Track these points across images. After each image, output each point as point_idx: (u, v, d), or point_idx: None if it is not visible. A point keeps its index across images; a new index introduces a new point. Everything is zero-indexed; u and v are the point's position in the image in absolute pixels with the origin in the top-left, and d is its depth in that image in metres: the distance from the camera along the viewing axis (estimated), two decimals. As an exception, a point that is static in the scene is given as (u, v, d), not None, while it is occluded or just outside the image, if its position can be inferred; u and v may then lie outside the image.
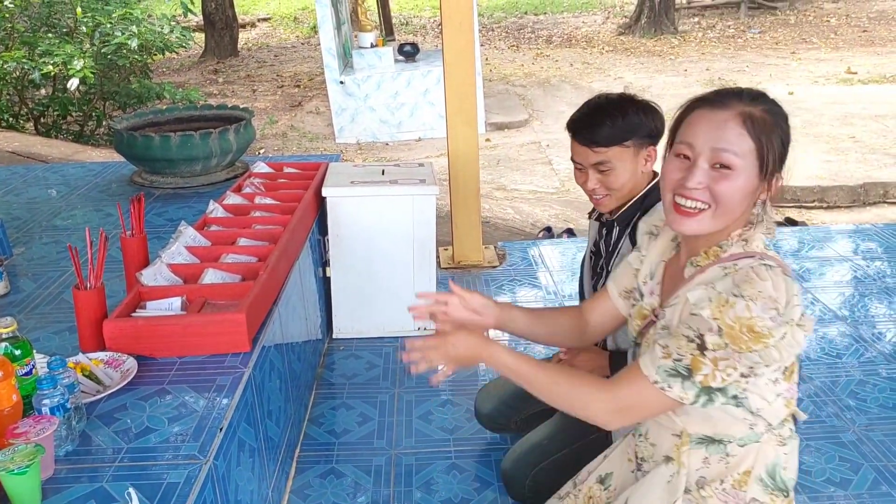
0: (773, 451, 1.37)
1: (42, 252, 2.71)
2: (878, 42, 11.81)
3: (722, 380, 1.26)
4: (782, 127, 1.35)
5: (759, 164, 1.31)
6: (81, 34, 6.81)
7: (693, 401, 1.28)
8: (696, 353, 1.26)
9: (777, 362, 1.25)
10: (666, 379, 1.29)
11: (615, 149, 1.83)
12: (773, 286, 1.24)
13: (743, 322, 1.22)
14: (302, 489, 2.20)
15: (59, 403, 1.49)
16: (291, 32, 15.22)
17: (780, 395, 1.33)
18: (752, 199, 1.34)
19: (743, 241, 1.35)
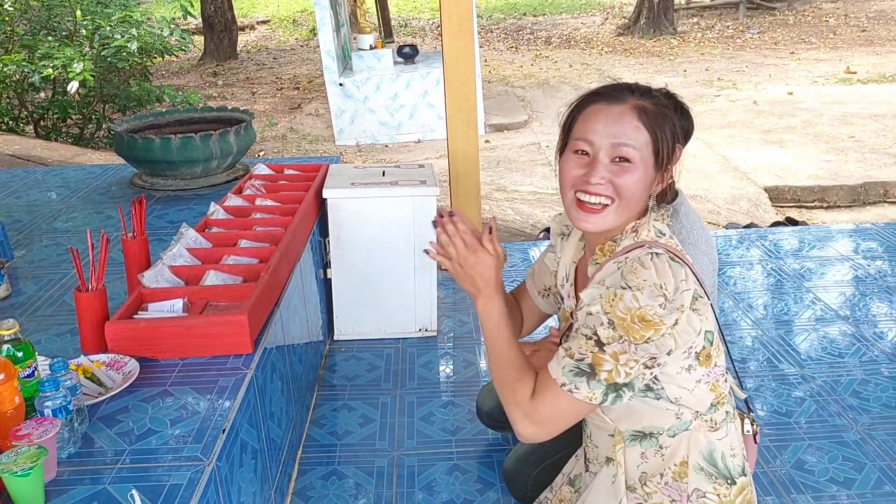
0: (704, 438, 1.35)
1: (43, 254, 2.71)
2: (877, 42, 11.82)
3: (626, 374, 1.25)
4: (672, 119, 1.34)
5: (654, 156, 1.32)
6: (81, 37, 6.81)
7: (602, 399, 1.26)
8: (595, 350, 1.25)
9: (674, 349, 1.25)
10: (572, 380, 1.27)
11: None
12: (657, 273, 1.24)
13: (633, 312, 1.22)
14: (304, 491, 2.20)
15: (62, 405, 1.49)
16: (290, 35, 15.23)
17: (699, 381, 1.31)
18: (649, 192, 1.35)
19: (634, 233, 1.34)
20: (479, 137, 4.11)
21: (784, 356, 2.84)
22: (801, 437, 2.39)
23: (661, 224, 1.38)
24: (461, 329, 3.11)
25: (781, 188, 6.06)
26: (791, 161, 6.63)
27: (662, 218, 1.39)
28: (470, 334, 3.07)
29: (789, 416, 2.49)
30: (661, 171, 1.34)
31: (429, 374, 2.80)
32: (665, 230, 1.37)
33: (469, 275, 1.38)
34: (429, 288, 2.97)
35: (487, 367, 1.41)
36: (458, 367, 2.85)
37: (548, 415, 1.30)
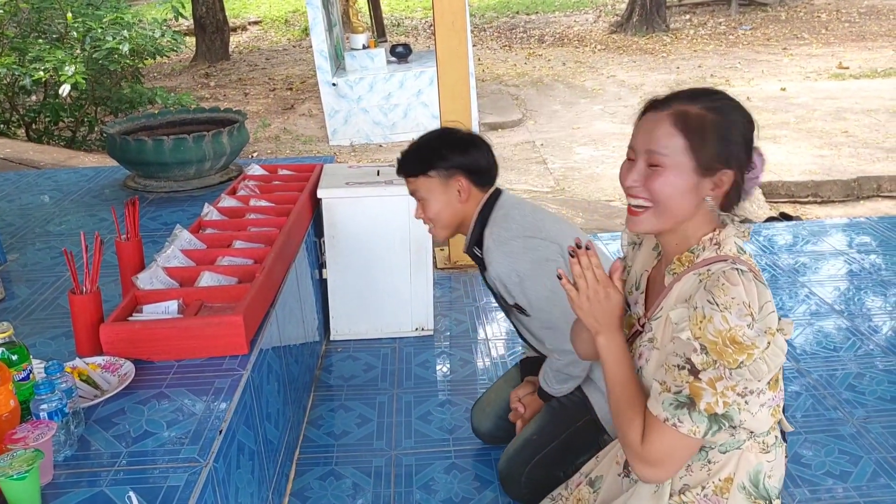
0: (755, 458, 1.36)
1: (36, 258, 2.70)
2: (869, 37, 11.86)
3: (724, 404, 1.24)
4: (721, 123, 1.31)
5: (693, 160, 1.30)
6: (72, 39, 6.78)
7: (705, 432, 1.25)
8: (690, 380, 1.25)
9: (766, 374, 1.24)
10: (674, 413, 1.26)
11: (421, 179, 2.00)
12: (745, 291, 1.23)
13: (724, 335, 1.21)
14: (302, 491, 2.20)
15: (57, 408, 1.48)
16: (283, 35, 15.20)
17: (763, 405, 1.32)
18: (696, 197, 1.32)
19: (715, 245, 1.34)
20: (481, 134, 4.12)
21: (780, 351, 2.85)
22: (798, 431, 2.39)
23: (742, 241, 1.36)
24: (458, 328, 3.11)
25: (775, 184, 6.08)
26: (784, 156, 6.64)
27: (743, 235, 1.37)
28: (466, 333, 3.07)
29: (785, 411, 2.49)
30: (707, 176, 1.31)
31: (426, 373, 2.80)
32: (746, 248, 1.36)
33: (594, 310, 1.39)
34: (425, 287, 2.96)
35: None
36: (455, 366, 2.85)
37: (660, 455, 1.30)
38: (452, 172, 1.99)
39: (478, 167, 2.01)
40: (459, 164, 1.99)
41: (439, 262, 3.68)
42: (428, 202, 2.02)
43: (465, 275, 3.58)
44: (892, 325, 3.00)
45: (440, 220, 2.03)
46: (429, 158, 2.00)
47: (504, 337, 3.04)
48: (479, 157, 2.01)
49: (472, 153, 2.01)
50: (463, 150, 2.01)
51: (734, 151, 1.31)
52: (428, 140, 2.05)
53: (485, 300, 3.33)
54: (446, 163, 1.99)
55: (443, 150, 2.00)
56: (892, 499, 2.10)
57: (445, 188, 2.00)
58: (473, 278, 3.54)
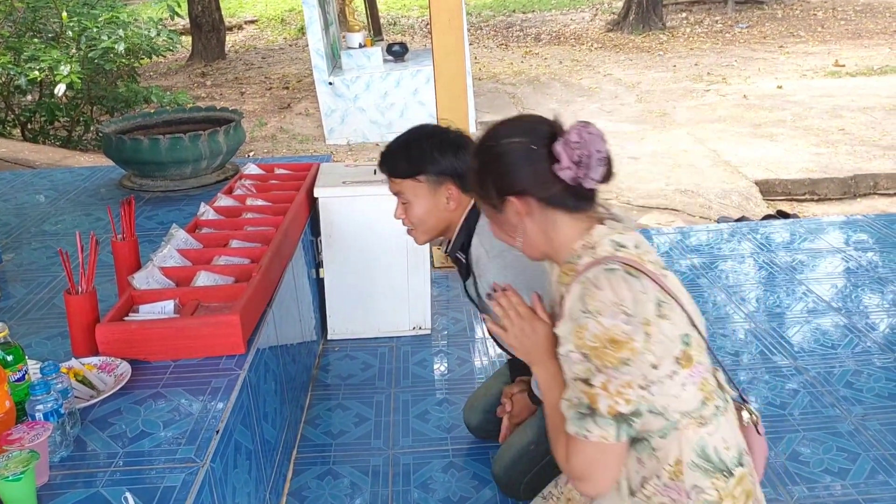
0: (694, 434, 1.35)
1: (32, 258, 2.69)
2: (865, 35, 11.88)
3: (625, 402, 1.26)
4: (479, 168, 1.44)
5: (485, 206, 1.46)
6: (67, 39, 6.76)
7: (616, 434, 1.27)
8: (585, 389, 1.27)
9: (658, 362, 1.26)
10: (581, 425, 1.29)
11: (408, 182, 1.90)
12: (611, 291, 1.26)
13: (601, 338, 1.24)
14: (300, 491, 2.19)
15: (53, 409, 1.48)
16: (279, 34, 15.17)
17: (684, 384, 1.32)
18: (512, 226, 1.42)
19: (590, 249, 1.36)
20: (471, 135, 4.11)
21: (777, 348, 2.85)
22: (796, 428, 2.40)
23: (625, 236, 1.38)
24: (455, 327, 3.10)
25: (772, 182, 6.08)
26: (781, 154, 6.65)
27: (626, 230, 1.40)
28: (464, 332, 3.06)
29: (783, 408, 2.50)
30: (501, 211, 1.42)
31: (423, 372, 2.79)
32: (628, 241, 1.37)
33: (524, 344, 1.45)
34: (422, 286, 2.96)
35: None
36: (452, 365, 2.84)
37: (582, 468, 1.32)
38: (443, 179, 1.89)
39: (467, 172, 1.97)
40: (450, 170, 1.89)
41: (436, 261, 3.67)
42: (412, 206, 1.93)
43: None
44: (889, 322, 3.00)
45: (423, 224, 1.95)
46: (419, 161, 1.90)
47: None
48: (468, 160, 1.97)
49: (462, 157, 1.88)
50: (454, 153, 1.90)
51: (496, 183, 1.41)
52: (418, 139, 1.93)
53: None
54: (437, 167, 1.89)
55: (434, 152, 1.89)
56: (891, 496, 2.10)
57: (434, 194, 1.90)
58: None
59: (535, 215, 1.39)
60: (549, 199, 1.38)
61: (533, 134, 1.39)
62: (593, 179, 1.35)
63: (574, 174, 1.34)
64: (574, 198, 1.38)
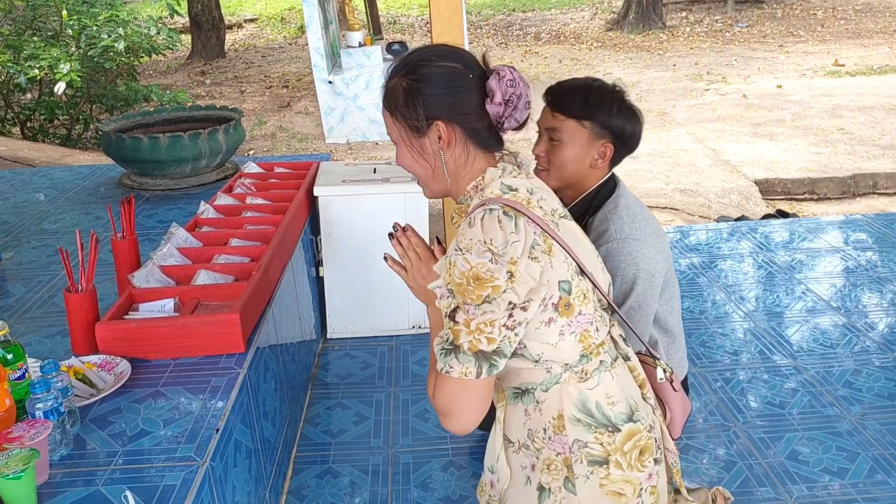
0: (574, 389, 1.33)
1: (31, 256, 2.69)
2: (865, 34, 11.88)
3: (487, 340, 1.23)
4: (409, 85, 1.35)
5: (402, 128, 1.37)
6: (67, 37, 6.75)
7: (476, 372, 1.24)
8: (450, 325, 1.26)
9: (524, 306, 1.24)
10: (445, 360, 1.26)
11: (572, 122, 1.80)
12: (482, 230, 1.25)
13: (467, 274, 1.23)
14: (299, 489, 2.19)
15: (53, 407, 1.48)
16: (279, 33, 15.16)
17: (562, 333, 1.29)
18: (426, 157, 1.38)
19: (480, 192, 1.36)
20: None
21: (776, 348, 2.85)
22: (795, 427, 2.40)
23: (518, 180, 1.36)
24: (454, 325, 3.10)
25: (772, 181, 6.08)
26: (781, 154, 6.65)
27: (523, 173, 1.39)
28: (463, 330, 3.06)
29: (782, 408, 2.50)
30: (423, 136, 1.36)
31: (423, 370, 2.79)
32: (521, 185, 1.35)
33: (421, 285, 1.44)
34: (421, 285, 2.96)
35: None
36: (451, 364, 2.84)
37: (445, 404, 1.29)
38: (605, 133, 1.79)
39: (629, 141, 1.82)
40: (618, 129, 1.79)
41: (436, 260, 3.67)
42: (562, 147, 1.81)
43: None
44: (888, 322, 3.00)
45: (561, 170, 1.83)
46: (596, 106, 1.78)
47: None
48: (637, 129, 1.82)
49: (633, 123, 1.80)
50: (628, 116, 1.80)
51: (427, 102, 1.34)
52: (600, 88, 1.82)
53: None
54: (608, 120, 1.78)
55: (614, 106, 1.78)
56: (889, 495, 2.10)
57: (589, 145, 1.80)
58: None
59: (455, 147, 1.36)
60: (474, 132, 1.36)
61: (467, 62, 1.37)
62: (516, 121, 1.35)
63: (500, 112, 1.33)
64: (490, 137, 1.38)
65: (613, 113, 1.79)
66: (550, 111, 1.84)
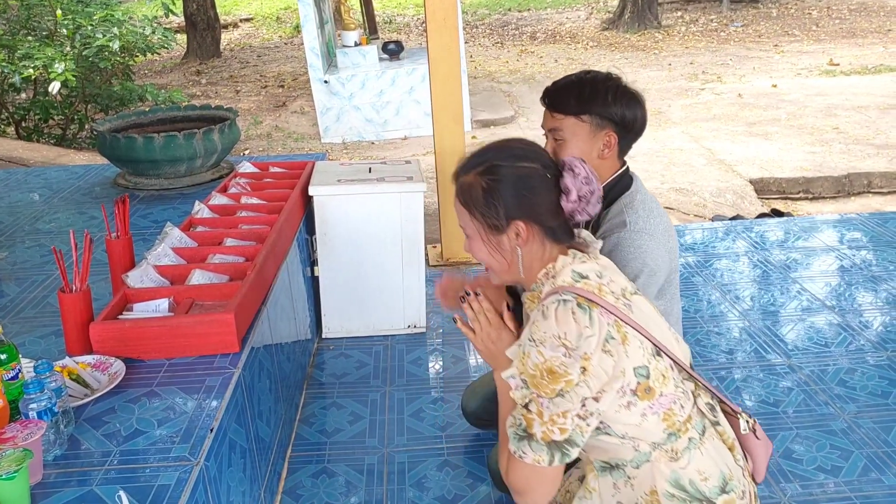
0: (666, 468, 1.36)
1: (26, 256, 2.68)
2: (860, 34, 11.91)
3: (560, 431, 1.28)
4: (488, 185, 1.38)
5: (480, 224, 1.40)
6: (62, 37, 6.73)
7: (549, 460, 1.29)
8: (524, 413, 1.30)
9: (597, 398, 1.27)
10: (518, 446, 1.31)
11: (570, 119, 1.79)
12: (556, 323, 1.27)
13: (540, 367, 1.27)
14: (294, 489, 2.19)
15: (47, 407, 1.48)
16: (274, 32, 15.14)
17: (644, 414, 1.32)
18: (504, 252, 1.41)
19: (551, 279, 1.39)
20: (466, 133, 4.11)
21: (771, 346, 2.86)
22: (789, 426, 2.40)
23: (587, 265, 1.39)
24: (450, 325, 3.10)
25: (767, 180, 6.09)
26: (776, 153, 6.66)
27: (591, 256, 1.41)
28: (458, 330, 3.06)
29: (777, 406, 2.50)
30: (502, 233, 1.39)
31: (418, 370, 2.79)
32: (590, 270, 1.38)
33: (490, 350, 1.48)
34: (417, 284, 2.96)
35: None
36: (447, 364, 2.84)
37: (519, 484, 1.35)
38: (605, 124, 1.78)
39: (632, 127, 1.80)
40: (618, 117, 1.77)
41: (431, 260, 3.67)
42: (566, 144, 1.80)
43: (458, 272, 3.58)
44: (882, 321, 3.01)
45: None
46: (590, 100, 1.77)
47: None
48: (638, 113, 1.80)
49: (634, 107, 1.79)
50: (626, 102, 1.78)
51: (509, 204, 1.37)
52: (593, 79, 1.81)
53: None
54: (606, 111, 1.77)
55: (608, 95, 1.77)
56: (883, 493, 2.11)
57: (592, 138, 1.79)
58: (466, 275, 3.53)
59: (532, 243, 1.40)
60: (551, 229, 1.40)
61: (544, 161, 1.40)
62: (588, 215, 1.39)
63: (575, 208, 1.37)
64: (564, 231, 1.42)
65: (610, 102, 1.78)
66: (549, 112, 1.84)
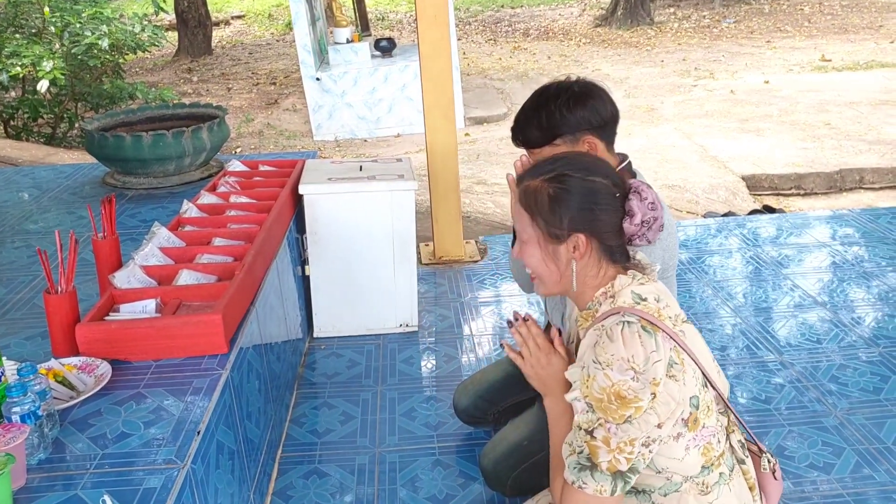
0: (695, 500, 1.35)
1: (12, 256, 2.66)
2: (851, 30, 11.93)
3: (626, 460, 1.26)
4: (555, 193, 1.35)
5: (539, 231, 1.37)
6: (50, 34, 6.68)
7: (611, 490, 1.27)
8: (588, 440, 1.27)
9: (660, 425, 1.25)
10: (578, 476, 1.28)
11: (546, 149, 1.80)
12: (624, 346, 1.25)
13: (608, 391, 1.24)
14: (284, 490, 2.17)
15: (30, 411, 1.45)
16: (266, 29, 15.09)
17: (687, 448, 1.32)
18: (558, 263, 1.38)
19: (610, 298, 1.36)
20: (459, 130, 4.09)
21: (763, 343, 2.85)
22: (781, 423, 2.40)
23: (647, 286, 1.37)
24: (442, 324, 3.09)
25: (759, 176, 6.10)
26: (768, 149, 6.67)
27: (649, 278, 1.39)
28: (451, 329, 3.05)
29: (769, 403, 2.50)
30: (561, 243, 1.37)
31: (410, 369, 2.78)
32: (649, 293, 1.36)
33: (539, 375, 1.46)
34: (409, 283, 2.94)
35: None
36: (439, 362, 2.83)
37: None
38: (579, 135, 1.78)
39: (602, 119, 1.80)
40: (585, 123, 1.78)
41: (424, 258, 3.66)
42: None
43: (450, 270, 3.56)
44: (874, 317, 3.01)
45: None
46: (551, 126, 1.79)
47: (489, 333, 3.03)
48: (601, 108, 1.79)
49: (593, 105, 1.79)
50: (583, 105, 1.78)
51: (574, 216, 1.35)
52: (545, 104, 1.80)
53: (470, 295, 3.32)
54: (571, 126, 1.77)
55: (564, 111, 1.77)
56: (875, 490, 2.11)
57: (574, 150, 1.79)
58: (458, 274, 3.53)
59: (588, 258, 1.38)
60: (610, 248, 1.38)
61: (613, 179, 1.38)
62: (647, 241, 1.37)
63: (636, 231, 1.35)
64: (621, 252, 1.40)
65: (568, 116, 1.77)
66: (526, 149, 1.86)
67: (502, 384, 2.29)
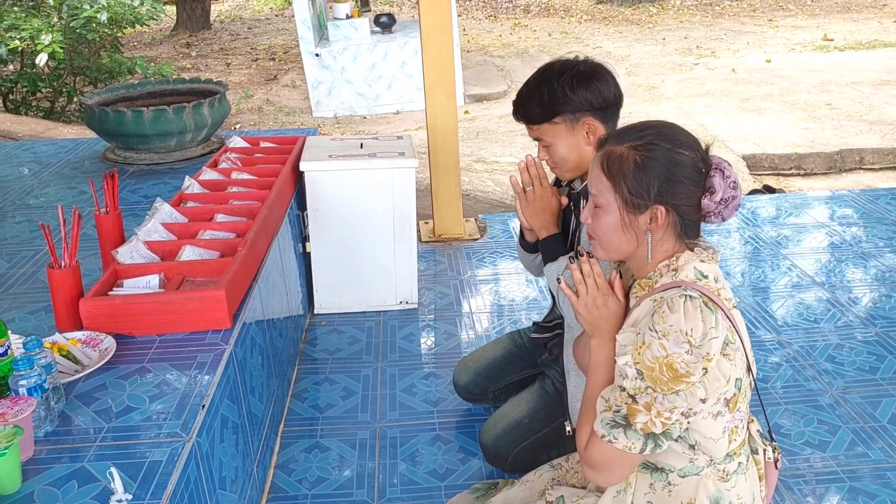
0: (713, 486, 1.37)
1: (14, 231, 2.66)
2: (854, 9, 11.85)
3: (662, 424, 1.27)
4: (641, 161, 1.32)
5: (619, 199, 1.34)
6: (48, 7, 6.62)
7: (641, 448, 1.30)
8: (628, 402, 1.29)
9: (706, 398, 1.26)
10: (610, 431, 1.31)
11: (544, 126, 1.80)
12: (684, 318, 1.25)
13: (660, 361, 1.24)
14: (287, 464, 2.20)
15: (37, 384, 1.47)
16: (265, 4, 14.94)
17: (724, 429, 1.33)
18: (633, 232, 1.36)
19: (673, 271, 1.36)
20: (459, 108, 4.08)
21: (761, 322, 2.87)
22: (777, 401, 2.43)
23: (708, 265, 1.36)
24: (442, 301, 3.11)
25: (759, 156, 6.09)
26: (769, 129, 6.65)
27: (710, 259, 1.38)
28: (451, 306, 3.07)
29: (766, 382, 2.53)
30: (641, 213, 1.34)
31: (410, 346, 2.80)
32: (710, 272, 1.35)
33: (592, 315, 1.42)
34: (409, 260, 2.96)
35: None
36: (439, 339, 2.85)
37: (598, 462, 1.34)
38: (580, 115, 1.77)
39: (605, 102, 1.78)
40: (586, 104, 1.77)
41: (423, 236, 3.67)
42: (554, 147, 1.81)
43: (450, 248, 3.58)
44: (871, 297, 3.03)
45: (566, 164, 1.83)
46: (552, 104, 1.77)
47: (488, 310, 3.05)
48: (604, 90, 1.78)
49: (596, 87, 1.77)
50: (587, 86, 1.77)
51: (659, 187, 1.32)
52: (548, 80, 1.79)
53: (469, 273, 3.33)
54: (572, 105, 1.76)
55: (567, 91, 1.76)
56: (869, 467, 2.14)
57: (573, 132, 1.79)
58: (458, 251, 3.54)
59: (663, 231, 1.36)
60: (685, 223, 1.36)
61: (700, 154, 1.36)
62: (722, 219, 1.36)
63: (713, 209, 1.34)
64: (694, 228, 1.38)
65: (571, 95, 1.76)
66: (526, 124, 1.85)
67: (502, 362, 2.32)
